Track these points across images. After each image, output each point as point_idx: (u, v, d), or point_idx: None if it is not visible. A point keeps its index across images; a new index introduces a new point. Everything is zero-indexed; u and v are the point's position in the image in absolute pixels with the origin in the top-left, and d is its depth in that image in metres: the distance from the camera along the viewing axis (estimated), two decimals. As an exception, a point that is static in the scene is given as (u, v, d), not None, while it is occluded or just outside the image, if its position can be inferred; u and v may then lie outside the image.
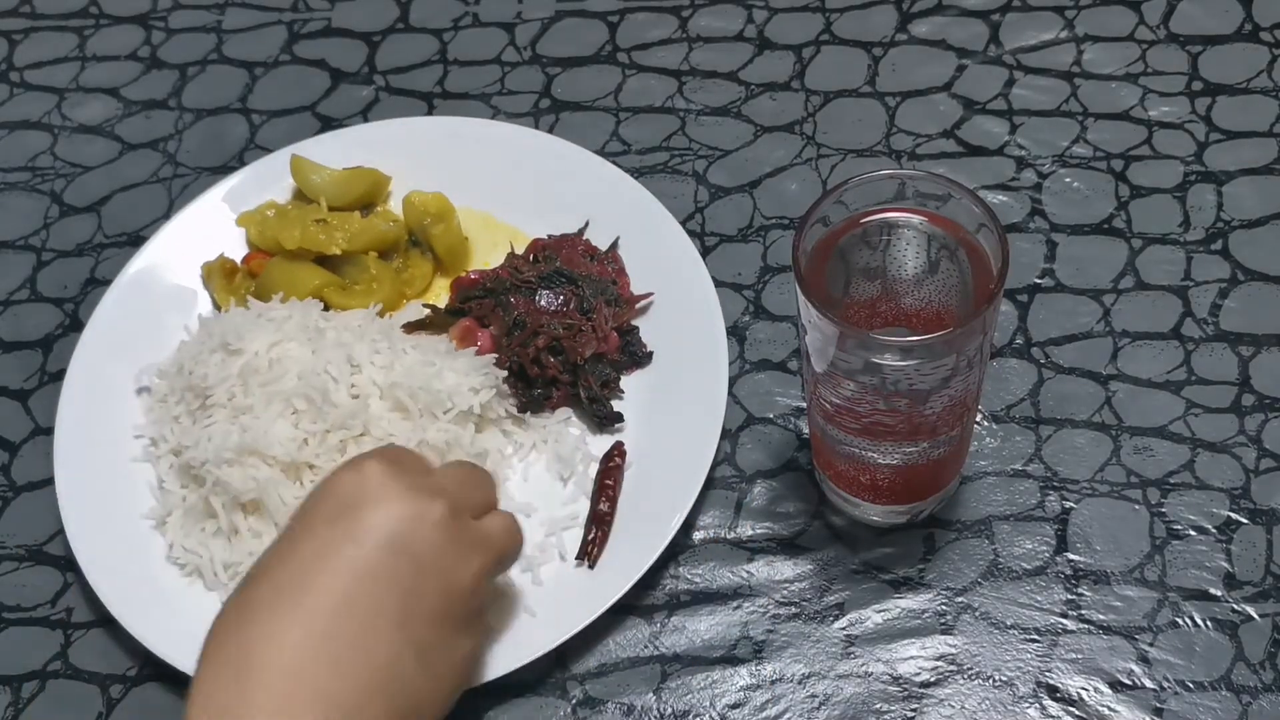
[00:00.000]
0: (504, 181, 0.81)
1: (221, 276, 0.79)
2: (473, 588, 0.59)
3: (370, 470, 0.58)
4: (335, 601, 0.54)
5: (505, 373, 0.73)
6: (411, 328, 0.75)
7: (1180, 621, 0.65)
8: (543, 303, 0.74)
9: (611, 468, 0.71)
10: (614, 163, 0.81)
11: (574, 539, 0.69)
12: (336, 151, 0.82)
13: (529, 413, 0.73)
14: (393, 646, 0.55)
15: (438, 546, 0.57)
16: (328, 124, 0.88)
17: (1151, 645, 0.65)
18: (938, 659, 0.65)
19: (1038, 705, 0.64)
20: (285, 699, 0.52)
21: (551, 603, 0.67)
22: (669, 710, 0.65)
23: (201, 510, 0.70)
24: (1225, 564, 0.67)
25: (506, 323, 0.74)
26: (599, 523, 0.69)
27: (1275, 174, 0.80)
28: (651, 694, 0.66)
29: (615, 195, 0.79)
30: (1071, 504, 0.69)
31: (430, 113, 0.88)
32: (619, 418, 0.73)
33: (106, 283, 0.80)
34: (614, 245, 0.78)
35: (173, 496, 0.71)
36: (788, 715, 0.65)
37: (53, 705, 0.68)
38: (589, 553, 0.68)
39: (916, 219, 0.59)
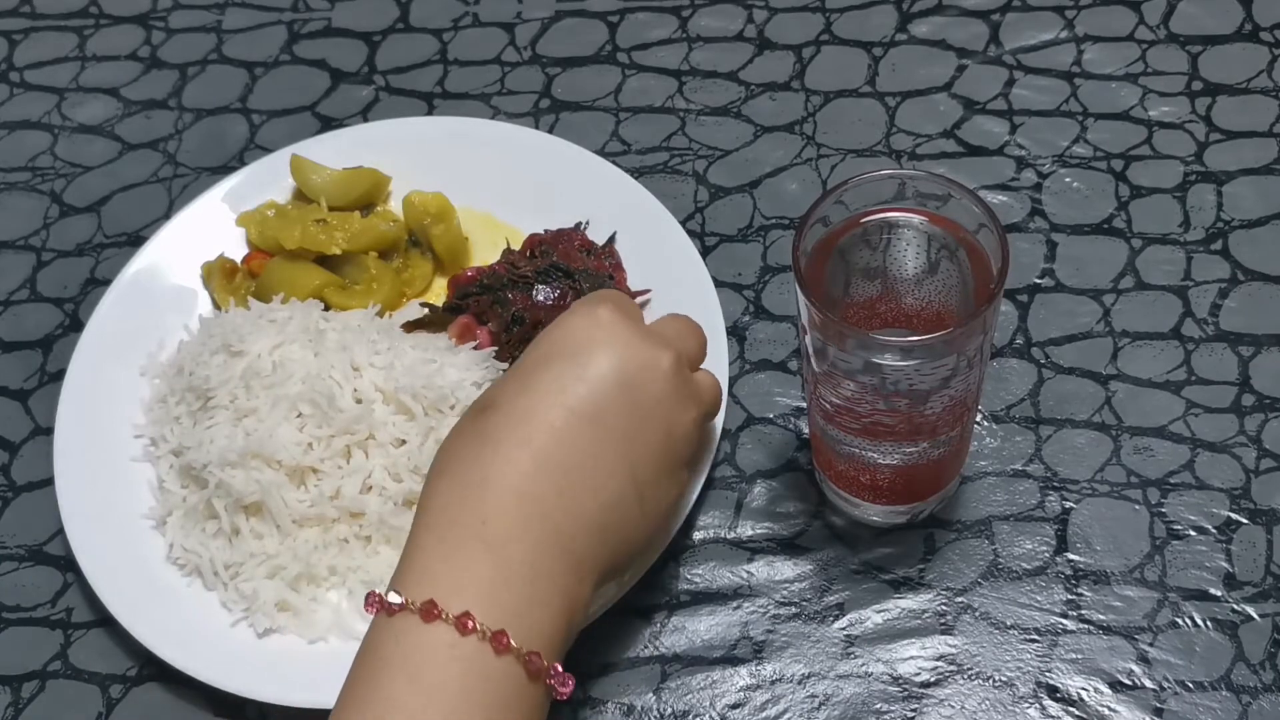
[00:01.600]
0: (504, 181, 0.81)
1: (221, 276, 0.79)
2: (688, 435, 0.62)
3: (603, 315, 0.60)
4: (568, 435, 0.57)
5: (506, 365, 0.73)
6: (411, 326, 0.75)
7: (1180, 621, 0.65)
8: (540, 298, 0.75)
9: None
10: (614, 163, 0.81)
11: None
12: (336, 151, 0.82)
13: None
14: (618, 482, 0.58)
15: (663, 393, 0.60)
16: (328, 124, 0.88)
17: (1151, 645, 0.65)
18: (938, 659, 0.65)
19: (1038, 705, 0.64)
20: (515, 518, 0.55)
21: (551, 603, 0.67)
22: (669, 710, 0.65)
23: (202, 511, 0.70)
24: (1225, 564, 0.67)
25: (504, 319, 0.74)
26: None
27: (1275, 174, 0.80)
28: (651, 694, 0.66)
29: (615, 195, 0.79)
30: (1071, 504, 0.69)
31: (430, 113, 0.88)
32: None
33: (106, 283, 0.80)
34: (611, 240, 0.78)
35: (173, 497, 0.71)
36: (788, 715, 0.65)
37: (53, 705, 0.68)
38: None
39: (916, 219, 0.59)
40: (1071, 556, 0.68)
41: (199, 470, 0.69)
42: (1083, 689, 0.64)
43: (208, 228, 0.81)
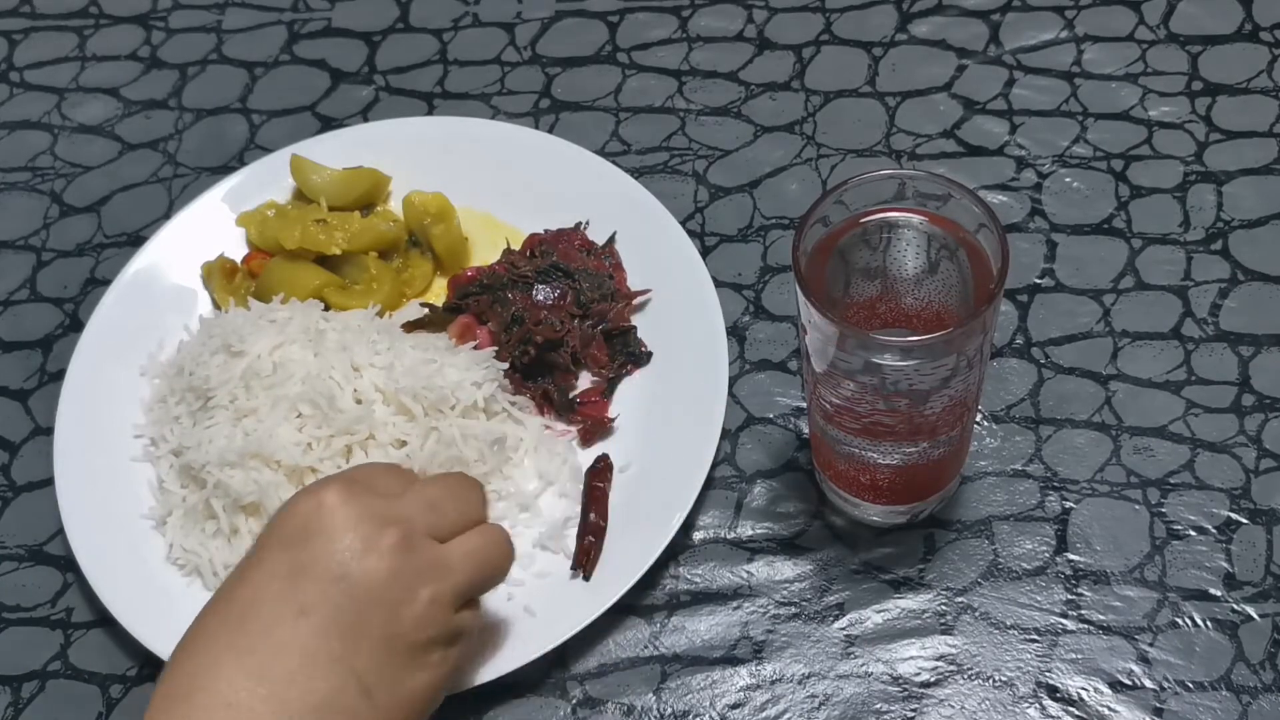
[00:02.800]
0: (504, 181, 0.81)
1: (221, 276, 0.79)
2: (426, 617, 0.57)
3: (326, 498, 0.57)
4: (278, 635, 0.54)
5: (506, 365, 0.73)
6: (411, 327, 0.75)
7: (1180, 621, 0.65)
8: (540, 298, 0.75)
9: (599, 475, 0.70)
10: (614, 163, 0.81)
11: (575, 539, 0.69)
12: (336, 151, 0.82)
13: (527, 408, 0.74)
14: (331, 681, 0.54)
15: (383, 576, 0.56)
16: (328, 124, 0.88)
17: (1151, 645, 0.65)
18: (938, 659, 0.65)
19: (1038, 705, 0.64)
20: None
21: (551, 603, 0.67)
22: (669, 710, 0.65)
23: (201, 511, 0.70)
24: (1225, 564, 0.67)
25: (504, 319, 0.74)
26: (593, 533, 0.69)
27: (1275, 174, 0.80)
28: (651, 694, 0.66)
29: (615, 195, 0.79)
30: (1071, 504, 0.69)
31: (430, 113, 0.88)
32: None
33: (106, 283, 0.80)
34: (611, 240, 0.78)
35: (173, 497, 0.71)
36: (788, 715, 0.65)
37: (53, 705, 0.68)
38: (583, 564, 0.68)
39: (916, 219, 0.59)
40: (1071, 556, 0.68)
41: (198, 470, 0.69)
42: (1083, 689, 0.64)
43: (208, 228, 0.81)
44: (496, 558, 0.62)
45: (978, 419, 0.72)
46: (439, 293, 0.79)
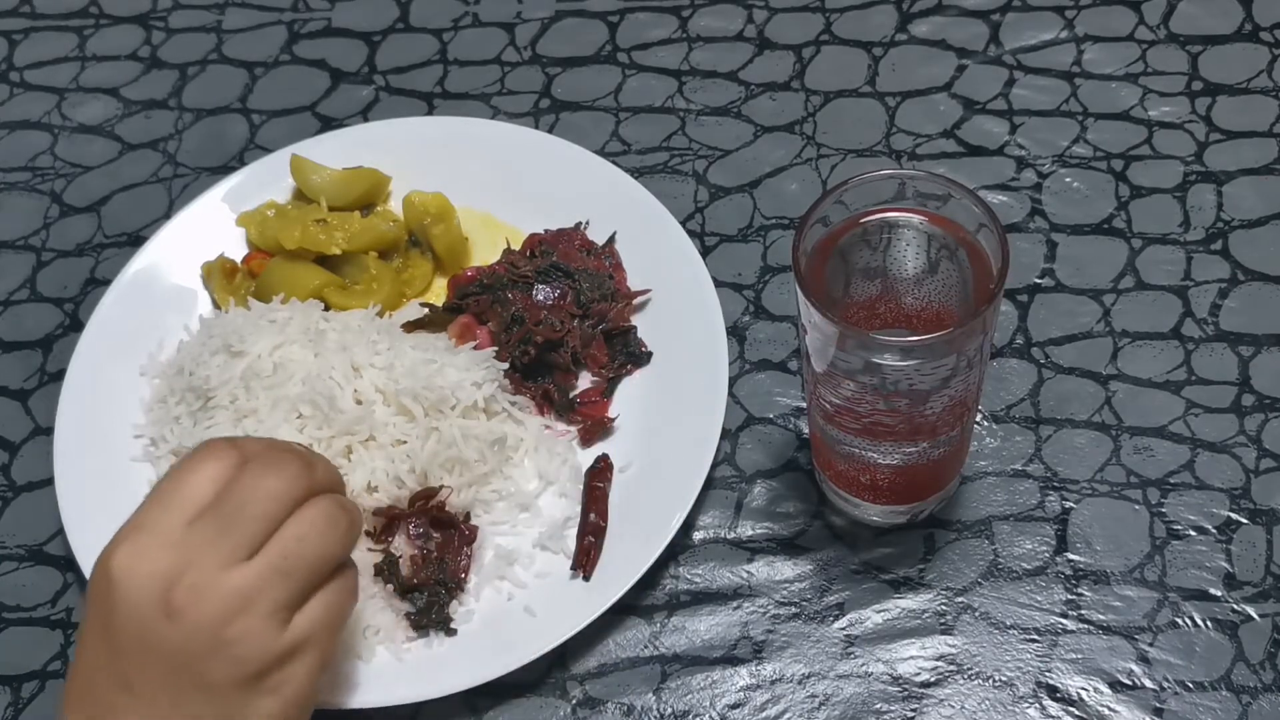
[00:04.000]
0: (504, 181, 0.81)
1: (221, 276, 0.79)
2: (239, 657, 0.54)
3: (111, 563, 0.55)
4: (108, 681, 0.54)
5: (506, 365, 0.73)
6: (411, 327, 0.75)
7: (1180, 621, 0.65)
8: (540, 298, 0.75)
9: (599, 475, 0.70)
10: (614, 163, 0.81)
11: (575, 539, 0.69)
12: (336, 151, 0.82)
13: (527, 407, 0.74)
14: None
15: (182, 638, 0.54)
16: (328, 124, 0.88)
17: (1151, 645, 0.65)
18: (938, 659, 0.65)
19: (1038, 705, 0.64)
20: None
21: (551, 603, 0.67)
22: (669, 710, 0.65)
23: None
24: (1225, 564, 0.67)
25: (504, 318, 0.74)
26: (593, 533, 0.69)
27: (1275, 174, 0.80)
28: (651, 694, 0.66)
29: (615, 195, 0.79)
30: (1071, 504, 0.69)
31: (430, 113, 0.88)
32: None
33: (106, 283, 0.80)
34: (611, 240, 0.78)
35: (173, 496, 0.71)
36: (788, 715, 0.65)
37: (53, 705, 0.68)
38: (583, 564, 0.68)
39: (916, 219, 0.59)
40: (1071, 556, 0.68)
41: (198, 470, 0.69)
42: (1083, 689, 0.64)
43: (208, 228, 0.81)
44: (314, 549, 0.56)
45: (978, 419, 0.72)
46: (439, 293, 0.79)
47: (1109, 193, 0.79)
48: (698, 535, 0.70)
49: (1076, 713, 0.63)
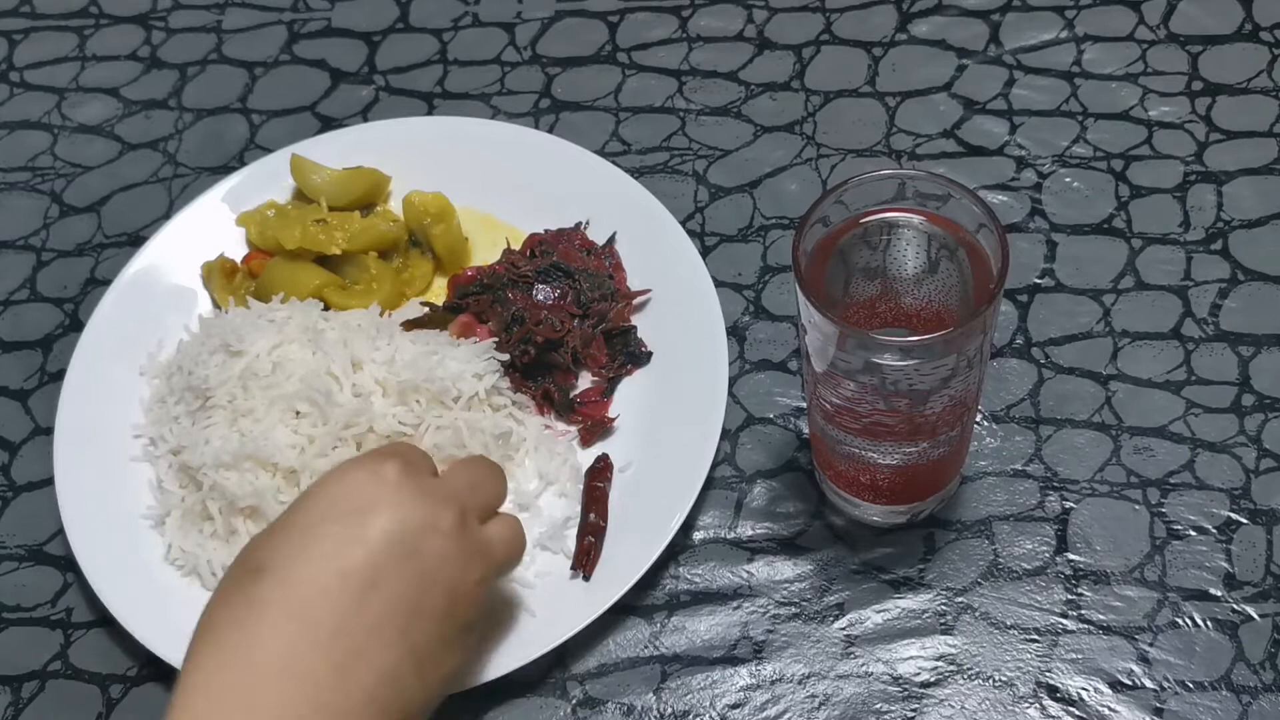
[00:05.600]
0: (504, 181, 0.81)
1: (221, 276, 0.79)
2: (473, 598, 0.59)
3: (386, 471, 0.57)
4: (344, 605, 0.54)
5: (507, 357, 0.73)
6: (410, 325, 0.75)
7: (1180, 621, 0.65)
8: (540, 298, 0.75)
9: (599, 475, 0.70)
10: (614, 163, 0.81)
11: (575, 539, 0.69)
12: (336, 151, 0.82)
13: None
14: (394, 653, 0.55)
15: (445, 555, 0.57)
16: (328, 124, 0.88)
17: (1151, 645, 0.65)
18: (938, 659, 0.65)
19: (1038, 705, 0.64)
20: (284, 700, 0.52)
21: (551, 603, 0.67)
22: (669, 710, 0.65)
23: (199, 512, 0.70)
24: (1225, 564, 0.67)
25: (504, 318, 0.74)
26: (593, 533, 0.69)
27: (1275, 174, 0.80)
28: (651, 694, 0.66)
29: (615, 195, 0.79)
30: (1071, 504, 0.69)
31: (430, 113, 0.88)
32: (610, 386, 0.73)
33: (106, 283, 0.80)
34: (611, 240, 0.78)
35: (171, 497, 0.71)
36: (788, 715, 0.65)
37: (53, 705, 0.68)
38: (583, 564, 0.68)
39: (916, 219, 0.59)
40: (1071, 556, 0.68)
41: (195, 471, 0.69)
42: (1083, 689, 0.64)
43: (208, 228, 0.81)
44: (520, 545, 0.63)
45: (978, 419, 0.72)
46: (439, 293, 0.79)
47: (1109, 193, 0.80)
48: (698, 535, 0.70)
49: (1076, 713, 0.63)
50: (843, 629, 0.67)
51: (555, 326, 0.74)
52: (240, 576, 0.55)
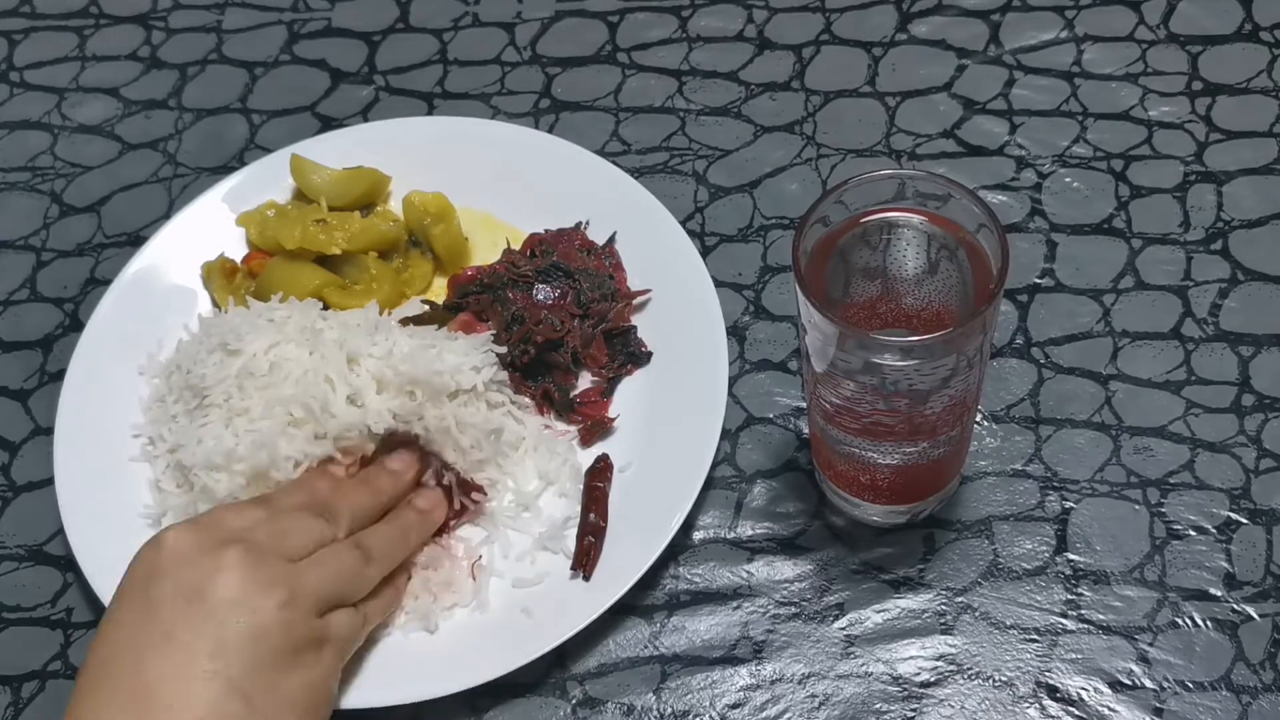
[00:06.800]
0: (504, 181, 0.81)
1: (221, 276, 0.79)
2: (283, 621, 0.59)
3: (164, 538, 0.60)
4: (148, 669, 0.56)
5: (504, 350, 0.73)
6: (409, 321, 0.75)
7: (1180, 621, 0.65)
8: (540, 297, 0.75)
9: (599, 475, 0.70)
10: (614, 163, 0.81)
11: (575, 539, 0.69)
12: (336, 151, 0.82)
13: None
14: (210, 694, 0.56)
15: (235, 588, 0.58)
16: (328, 124, 0.88)
17: (1151, 645, 0.65)
18: (938, 659, 0.65)
19: (1038, 705, 0.64)
20: None
21: (551, 603, 0.67)
22: (669, 710, 0.65)
23: (192, 513, 0.69)
24: (1225, 564, 0.67)
25: (504, 318, 0.74)
26: (593, 533, 0.69)
27: (1275, 174, 0.80)
28: (651, 694, 0.66)
29: (615, 195, 0.79)
30: (1071, 504, 0.69)
31: (430, 113, 0.88)
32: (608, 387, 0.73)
33: (106, 283, 0.80)
34: (611, 240, 0.78)
35: (168, 497, 0.71)
36: (788, 715, 0.65)
37: (53, 705, 0.68)
38: (583, 564, 0.68)
39: (916, 219, 0.59)
40: (1071, 556, 0.68)
41: (189, 471, 0.69)
42: (1083, 689, 0.64)
43: (208, 228, 0.81)
44: (349, 567, 0.63)
45: (978, 419, 0.72)
46: (439, 292, 0.79)
47: (1109, 193, 0.80)
48: (698, 535, 0.70)
49: (1076, 713, 0.63)
50: (843, 629, 0.67)
51: (555, 326, 0.74)
52: (77, 674, 0.59)
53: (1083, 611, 0.66)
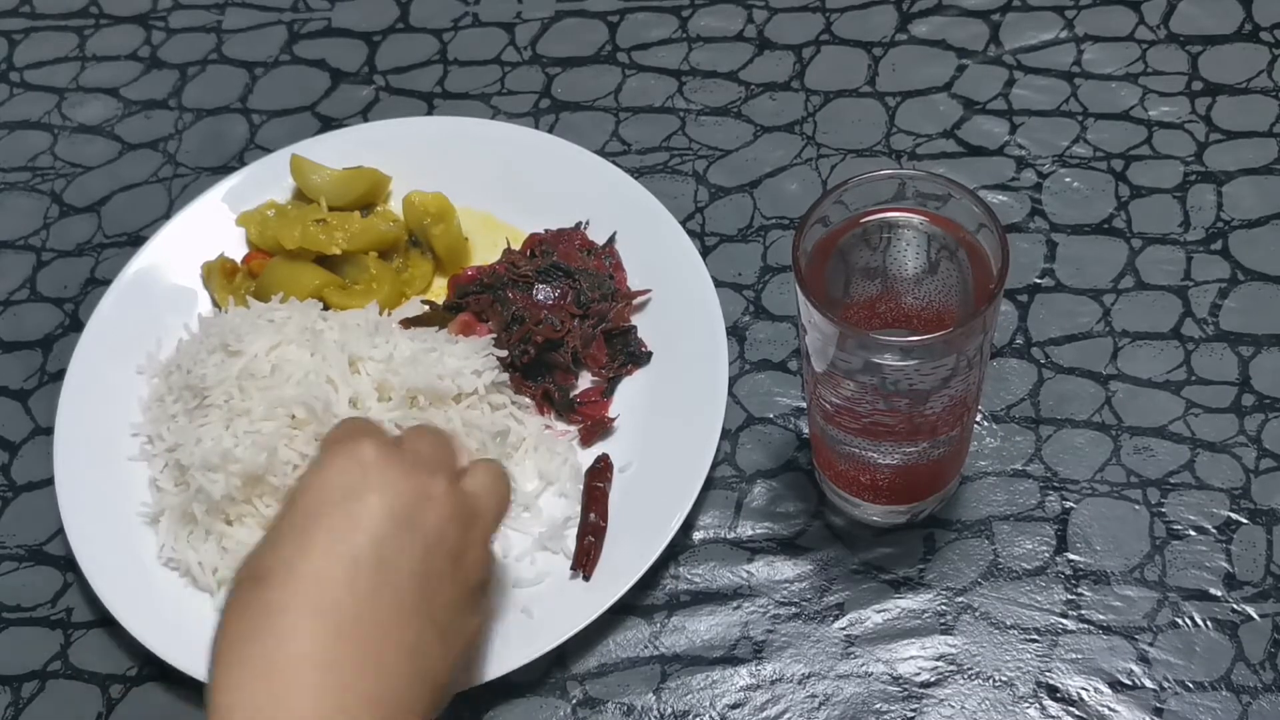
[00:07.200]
0: (504, 181, 0.81)
1: (221, 276, 0.79)
2: (479, 557, 0.59)
3: (364, 453, 0.56)
4: (356, 592, 0.54)
5: (505, 353, 0.73)
6: (409, 323, 0.75)
7: (1180, 621, 0.65)
8: (540, 297, 0.75)
9: (599, 475, 0.70)
10: (614, 163, 0.81)
11: (575, 539, 0.69)
12: (336, 151, 0.82)
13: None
14: (415, 627, 0.55)
15: (443, 521, 0.57)
16: (328, 124, 0.88)
17: (1151, 645, 0.65)
18: (938, 659, 0.65)
19: (1038, 705, 0.64)
20: (315, 693, 0.51)
21: (551, 603, 0.67)
22: (669, 710, 0.65)
23: (187, 514, 0.69)
24: (1225, 564, 0.67)
25: (505, 318, 0.74)
26: (593, 533, 0.69)
27: (1275, 174, 0.80)
28: (651, 694, 0.66)
29: (615, 195, 0.79)
30: (1071, 504, 0.69)
31: (430, 113, 0.88)
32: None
33: (106, 283, 0.80)
34: (611, 240, 0.78)
35: (166, 497, 0.71)
36: (788, 715, 0.65)
37: (53, 705, 0.68)
38: (583, 564, 0.68)
39: (916, 219, 0.59)
40: (1071, 556, 0.68)
41: (186, 470, 0.69)
42: (1083, 689, 0.64)
43: (208, 228, 0.81)
44: (504, 486, 0.62)
45: (978, 419, 0.72)
46: (439, 293, 0.79)
47: (1109, 193, 0.80)
48: (698, 535, 0.70)
49: (1076, 713, 0.63)
50: (843, 629, 0.67)
51: (555, 326, 0.74)
52: (247, 588, 0.55)
53: (1083, 611, 0.66)
